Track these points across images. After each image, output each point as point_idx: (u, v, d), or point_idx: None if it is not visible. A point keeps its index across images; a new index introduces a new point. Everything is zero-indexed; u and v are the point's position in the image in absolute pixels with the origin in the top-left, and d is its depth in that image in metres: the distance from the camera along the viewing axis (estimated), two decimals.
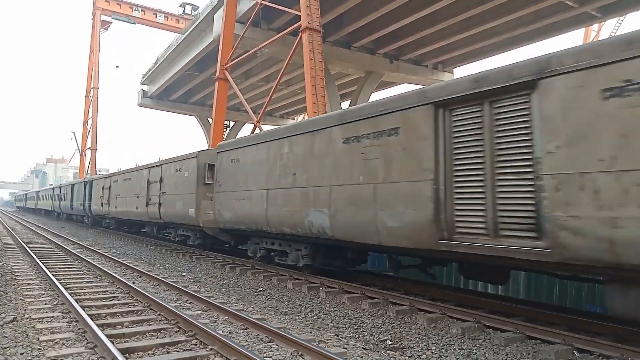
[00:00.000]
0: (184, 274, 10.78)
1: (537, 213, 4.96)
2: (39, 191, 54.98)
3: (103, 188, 22.94)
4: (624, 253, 4.29)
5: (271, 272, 10.25)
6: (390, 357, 4.99)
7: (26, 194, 72.77)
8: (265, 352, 4.90)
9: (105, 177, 23.56)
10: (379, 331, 5.96)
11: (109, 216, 22.71)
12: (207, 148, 19.30)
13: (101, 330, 5.27)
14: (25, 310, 6.59)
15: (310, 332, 5.85)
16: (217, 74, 21.91)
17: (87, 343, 5.12)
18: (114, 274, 9.40)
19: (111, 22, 47.57)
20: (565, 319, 5.98)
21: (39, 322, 5.96)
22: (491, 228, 5.41)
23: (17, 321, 5.96)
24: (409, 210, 6.39)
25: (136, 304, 7.14)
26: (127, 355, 4.68)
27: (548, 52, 5.09)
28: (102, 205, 23.12)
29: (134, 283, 8.67)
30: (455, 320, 6.28)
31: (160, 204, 15.57)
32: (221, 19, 21.70)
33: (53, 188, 41.64)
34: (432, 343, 5.46)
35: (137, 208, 17.85)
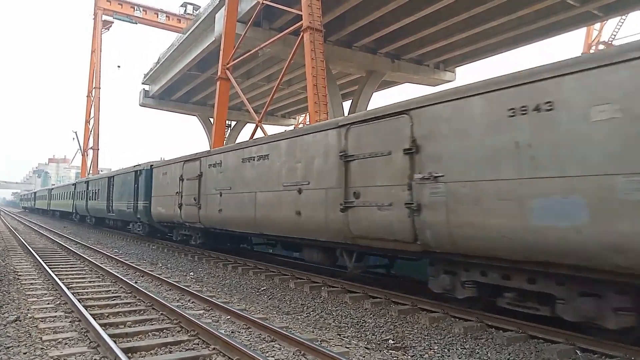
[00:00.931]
0: (192, 273, 10.79)
1: None
2: (52, 188, 45.34)
3: (182, 179, 13.81)
4: None
5: (273, 272, 10.26)
6: (393, 357, 4.99)
7: (35, 193, 61.97)
8: (267, 352, 4.90)
9: (187, 161, 13.91)
10: (381, 331, 5.96)
11: (195, 225, 13.29)
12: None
13: (104, 329, 5.28)
14: (28, 309, 6.61)
15: (313, 332, 5.85)
16: (219, 73, 21.90)
17: (89, 342, 5.14)
18: (116, 274, 9.42)
19: (112, 22, 47.56)
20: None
21: (42, 321, 5.97)
22: None
23: (20, 321, 5.98)
24: None
25: (138, 303, 7.15)
26: (129, 354, 4.69)
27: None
28: (179, 207, 13.85)
29: (136, 283, 8.69)
30: (457, 319, 6.27)
31: (430, 207, 6.10)
32: (222, 18, 21.70)
33: (75, 184, 31.73)
34: (435, 342, 5.46)
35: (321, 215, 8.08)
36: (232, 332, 5.61)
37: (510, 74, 5.42)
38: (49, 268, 9.92)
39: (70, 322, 5.98)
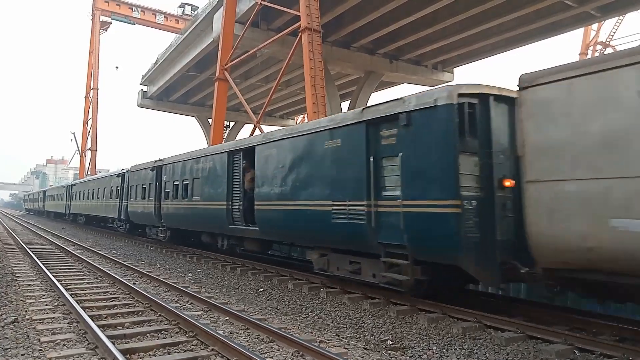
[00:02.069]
0: (191, 274, 10.77)
1: None
2: (74, 184, 32.58)
3: None
4: None
5: (272, 273, 10.25)
6: (391, 357, 4.99)
7: (44, 191, 48.04)
8: (266, 353, 4.90)
9: None
10: (379, 331, 5.96)
11: None
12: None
13: (102, 331, 5.28)
14: (26, 311, 6.59)
15: (311, 333, 5.85)
16: (217, 74, 21.89)
17: (88, 344, 5.13)
18: (114, 275, 9.41)
19: (110, 23, 47.56)
20: (566, 319, 5.98)
21: (40, 323, 5.96)
22: None
23: (18, 322, 5.96)
24: None
25: (137, 304, 7.14)
26: (128, 356, 4.68)
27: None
28: None
29: (134, 284, 8.67)
30: (456, 320, 6.28)
31: None
32: (221, 19, 21.67)
33: (124, 173, 20.16)
34: (433, 343, 5.46)
35: None
36: (230, 333, 5.61)
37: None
38: (47, 269, 9.90)
39: (68, 323, 5.97)
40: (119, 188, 20.61)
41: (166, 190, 15.09)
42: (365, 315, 6.76)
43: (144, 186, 17.09)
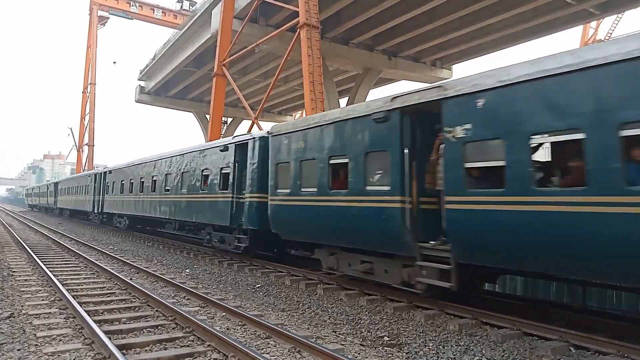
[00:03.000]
0: (188, 270, 10.76)
1: None
2: (109, 171, 22.91)
3: None
4: None
5: (269, 269, 10.25)
6: (388, 354, 5.00)
7: (56, 184, 38.19)
8: (262, 349, 4.90)
9: None
10: (376, 327, 5.96)
11: None
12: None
13: (98, 326, 5.27)
14: (22, 306, 6.57)
15: (308, 329, 5.86)
16: (215, 70, 21.84)
17: (84, 339, 5.12)
18: (111, 270, 9.39)
19: (108, 18, 47.44)
20: (562, 316, 6.00)
21: (36, 318, 5.94)
22: None
23: (14, 317, 5.95)
24: None
25: (133, 300, 7.13)
26: (124, 351, 4.67)
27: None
28: None
29: (131, 279, 8.65)
30: (452, 316, 6.29)
31: None
32: (219, 14, 21.61)
33: (233, 144, 11.66)
34: (430, 339, 5.47)
35: None
36: (227, 328, 5.60)
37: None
38: (44, 264, 9.87)
39: (64, 318, 5.96)
40: (227, 172, 12.00)
41: (476, 166, 5.90)
42: (362, 311, 6.77)
43: (332, 162, 8.05)
